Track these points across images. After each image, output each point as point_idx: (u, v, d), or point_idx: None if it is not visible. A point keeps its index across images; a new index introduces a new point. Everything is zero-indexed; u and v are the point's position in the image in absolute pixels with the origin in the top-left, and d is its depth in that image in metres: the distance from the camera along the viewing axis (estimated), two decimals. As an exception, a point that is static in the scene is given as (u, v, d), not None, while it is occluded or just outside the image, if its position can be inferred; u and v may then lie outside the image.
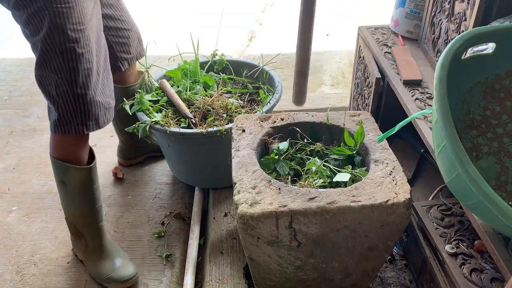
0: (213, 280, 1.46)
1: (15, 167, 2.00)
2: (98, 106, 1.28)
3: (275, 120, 1.37)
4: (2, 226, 1.71)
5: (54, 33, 1.15)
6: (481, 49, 1.14)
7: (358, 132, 1.26)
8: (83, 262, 1.53)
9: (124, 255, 1.51)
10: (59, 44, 1.16)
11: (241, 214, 1.09)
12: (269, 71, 1.81)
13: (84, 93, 1.23)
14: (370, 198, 1.10)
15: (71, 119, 1.25)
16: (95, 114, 1.27)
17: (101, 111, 1.29)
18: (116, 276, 1.44)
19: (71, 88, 1.21)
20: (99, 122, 1.30)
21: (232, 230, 1.64)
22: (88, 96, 1.24)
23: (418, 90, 1.43)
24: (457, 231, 1.26)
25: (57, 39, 1.16)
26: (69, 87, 1.21)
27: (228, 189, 1.69)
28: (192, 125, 1.60)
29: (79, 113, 1.25)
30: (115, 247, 1.51)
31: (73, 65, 1.19)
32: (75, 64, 1.19)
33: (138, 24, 1.64)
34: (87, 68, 1.22)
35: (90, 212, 1.43)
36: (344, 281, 1.31)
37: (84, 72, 1.21)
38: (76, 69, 1.20)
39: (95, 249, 1.47)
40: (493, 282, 1.12)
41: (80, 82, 1.22)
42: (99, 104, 1.27)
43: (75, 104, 1.23)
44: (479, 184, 0.86)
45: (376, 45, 1.70)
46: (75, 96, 1.22)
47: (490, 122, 1.17)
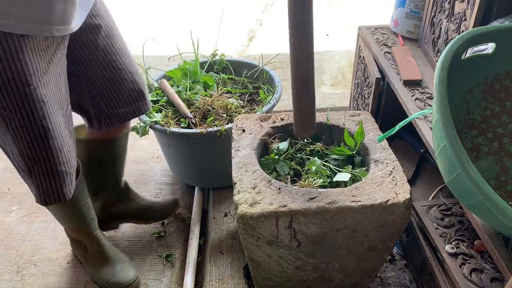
0: (213, 280, 1.46)
1: (15, 167, 2.00)
2: (60, 175, 1.11)
3: (275, 120, 1.37)
4: (2, 226, 1.71)
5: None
6: (481, 49, 1.14)
7: (358, 132, 1.26)
8: (83, 264, 1.53)
9: (124, 258, 1.50)
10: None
11: (241, 214, 1.09)
12: (269, 71, 1.81)
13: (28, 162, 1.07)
14: (370, 198, 1.10)
15: (31, 188, 1.14)
16: (58, 185, 1.12)
17: (65, 181, 1.13)
18: (116, 281, 1.42)
19: (22, 157, 1.07)
20: (63, 194, 1.14)
21: (232, 230, 1.64)
22: (48, 168, 1.09)
23: (418, 90, 1.43)
24: (457, 231, 1.26)
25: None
26: (20, 156, 1.07)
27: (228, 189, 1.69)
28: (192, 125, 1.60)
29: (37, 185, 1.12)
30: (115, 252, 1.49)
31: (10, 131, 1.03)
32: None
33: (138, 24, 1.63)
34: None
35: (82, 226, 1.40)
36: (344, 281, 1.31)
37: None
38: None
39: (95, 254, 1.46)
40: (493, 282, 1.12)
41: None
42: (61, 173, 1.11)
43: (29, 175, 1.10)
44: (479, 184, 0.86)
45: (376, 45, 1.70)
46: (28, 167, 1.08)
47: (490, 122, 1.17)
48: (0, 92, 0.96)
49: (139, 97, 1.33)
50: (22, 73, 0.95)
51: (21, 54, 0.94)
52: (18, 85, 0.96)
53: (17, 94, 0.96)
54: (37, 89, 0.99)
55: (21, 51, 0.94)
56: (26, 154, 1.05)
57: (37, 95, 0.99)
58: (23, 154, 1.06)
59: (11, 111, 0.98)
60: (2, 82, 0.94)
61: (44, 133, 1.03)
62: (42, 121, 1.02)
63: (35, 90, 0.98)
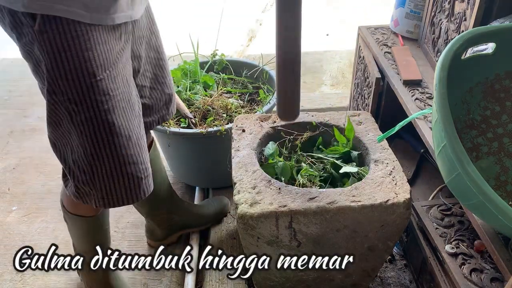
0: (213, 280, 1.46)
1: (15, 167, 2.00)
2: (126, 177, 1.04)
3: (275, 120, 1.37)
4: (2, 226, 1.71)
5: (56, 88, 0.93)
6: (481, 49, 1.14)
7: (348, 129, 1.26)
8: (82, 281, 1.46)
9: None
10: (63, 102, 0.94)
11: (241, 214, 1.09)
12: (269, 71, 1.81)
13: (104, 162, 1.01)
14: (370, 198, 1.10)
15: (89, 191, 1.05)
16: (124, 187, 1.05)
17: (132, 183, 1.05)
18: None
19: (86, 156, 1.00)
20: (128, 198, 1.07)
21: (232, 230, 1.64)
22: (112, 168, 1.02)
23: (418, 90, 1.43)
24: (457, 231, 1.26)
25: (61, 98, 0.93)
26: (84, 155, 1.00)
27: (228, 189, 1.69)
28: (192, 125, 1.60)
29: (100, 187, 1.04)
30: (122, 282, 1.42)
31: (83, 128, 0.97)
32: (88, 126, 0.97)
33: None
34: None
35: (94, 252, 1.30)
36: (344, 281, 1.31)
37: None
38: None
39: (99, 279, 1.36)
40: (493, 282, 1.12)
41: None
42: (127, 174, 1.04)
43: (92, 176, 1.02)
44: (479, 184, 0.86)
45: (376, 45, 1.70)
46: (92, 167, 1.01)
47: (490, 122, 1.17)
48: (67, 82, 0.91)
49: (169, 102, 1.27)
50: (89, 62, 0.91)
51: (88, 43, 0.90)
52: (84, 75, 0.91)
53: (83, 85, 0.92)
54: (103, 81, 0.93)
55: (88, 40, 0.90)
56: (90, 151, 0.98)
57: (103, 87, 0.94)
58: (87, 152, 0.99)
59: (76, 103, 0.93)
60: (70, 71, 0.90)
61: (109, 128, 0.97)
62: (107, 115, 0.96)
63: (101, 81, 0.93)
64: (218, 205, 1.67)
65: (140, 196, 1.08)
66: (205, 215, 1.64)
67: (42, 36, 0.87)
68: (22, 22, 0.87)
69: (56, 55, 0.88)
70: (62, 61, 0.89)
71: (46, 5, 0.84)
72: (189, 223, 1.61)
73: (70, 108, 0.94)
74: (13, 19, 0.87)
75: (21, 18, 0.86)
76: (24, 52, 0.93)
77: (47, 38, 0.87)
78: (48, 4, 0.84)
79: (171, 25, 3.20)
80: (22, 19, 0.87)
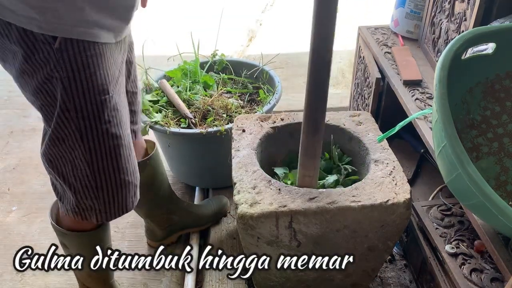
0: (213, 280, 1.46)
1: (15, 167, 2.00)
2: (127, 186, 1.06)
3: (275, 120, 1.37)
4: (2, 226, 1.71)
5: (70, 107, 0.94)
6: (481, 49, 1.14)
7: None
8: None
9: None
10: (75, 119, 0.95)
11: (241, 214, 1.08)
12: (269, 71, 1.81)
13: (110, 176, 1.03)
14: (370, 198, 1.10)
15: (92, 205, 1.06)
16: (123, 197, 1.07)
17: (130, 192, 1.08)
18: None
19: (91, 171, 1.01)
20: (127, 206, 1.09)
21: (232, 230, 1.64)
22: (117, 179, 1.04)
23: (418, 90, 1.43)
24: (457, 231, 1.26)
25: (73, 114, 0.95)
26: (89, 170, 1.01)
27: (228, 189, 1.69)
28: (192, 125, 1.60)
29: (103, 200, 1.05)
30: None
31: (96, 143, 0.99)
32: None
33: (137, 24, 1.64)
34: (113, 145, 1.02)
35: (99, 272, 1.27)
36: (344, 281, 1.31)
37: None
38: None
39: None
40: (493, 282, 1.12)
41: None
42: (128, 184, 1.06)
43: (96, 190, 1.03)
44: (479, 184, 0.86)
45: (376, 45, 1.70)
46: (96, 181, 1.02)
47: (490, 122, 1.17)
48: (83, 100, 0.93)
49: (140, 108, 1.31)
50: (103, 79, 0.94)
51: (103, 61, 0.93)
52: (100, 92, 0.94)
53: (98, 102, 0.94)
54: (113, 97, 0.97)
55: (102, 58, 0.93)
56: (96, 166, 1.00)
57: (114, 103, 0.97)
58: (93, 167, 1.00)
59: (90, 120, 0.95)
60: (87, 89, 0.92)
61: (116, 142, 1.00)
62: (115, 129, 0.99)
63: (112, 97, 0.96)
64: (218, 205, 1.67)
65: (134, 204, 1.11)
66: (205, 215, 1.63)
67: (62, 54, 0.88)
68: (36, 39, 0.87)
69: (75, 73, 0.90)
70: (81, 79, 0.91)
71: (65, 28, 0.86)
72: (189, 223, 1.61)
73: (81, 125, 0.95)
74: (25, 34, 0.86)
75: (36, 36, 0.86)
76: (28, 69, 0.91)
77: (67, 57, 0.88)
78: (67, 27, 0.86)
79: (171, 25, 3.20)
80: (39, 37, 0.87)
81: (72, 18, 0.86)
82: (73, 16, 0.86)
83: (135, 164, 1.08)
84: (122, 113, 1.01)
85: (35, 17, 0.84)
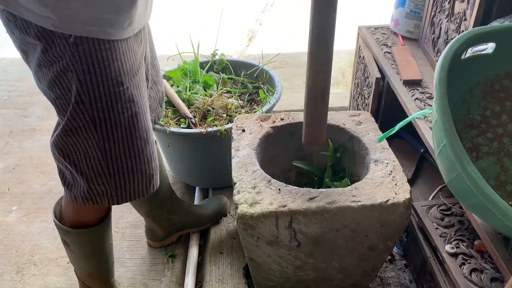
0: (213, 280, 1.46)
1: (15, 167, 2.00)
2: (139, 174, 1.08)
3: (275, 120, 1.37)
4: (2, 226, 1.71)
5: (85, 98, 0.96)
6: (481, 49, 1.14)
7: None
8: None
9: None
10: (89, 111, 0.97)
11: (241, 214, 1.08)
12: (269, 71, 1.81)
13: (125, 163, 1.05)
14: (370, 198, 1.10)
15: (104, 190, 1.07)
16: (136, 183, 1.09)
17: (144, 179, 1.10)
18: None
19: (105, 159, 1.03)
20: (139, 192, 1.11)
21: (232, 230, 1.64)
22: (129, 167, 1.06)
23: (418, 90, 1.43)
24: (457, 231, 1.26)
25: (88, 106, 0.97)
26: (103, 158, 1.03)
27: (228, 189, 1.69)
28: (192, 125, 1.60)
29: (115, 185, 1.07)
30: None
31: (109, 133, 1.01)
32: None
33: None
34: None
35: (101, 270, 1.30)
36: (344, 281, 1.31)
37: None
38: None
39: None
40: (493, 282, 1.12)
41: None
42: (141, 172, 1.08)
43: (109, 177, 1.05)
44: (479, 184, 0.86)
45: (376, 45, 1.70)
46: (109, 168, 1.04)
47: (490, 122, 1.17)
48: (98, 92, 0.95)
49: (161, 100, 1.32)
50: (118, 72, 0.96)
51: (118, 54, 0.95)
52: (114, 84, 0.96)
53: (112, 93, 0.97)
54: (129, 89, 0.99)
55: (118, 51, 0.95)
56: (110, 155, 1.03)
57: (129, 94, 0.99)
58: (107, 156, 1.02)
59: (104, 111, 0.97)
60: (102, 81, 0.95)
61: (130, 133, 1.02)
62: (129, 121, 1.01)
63: (127, 89, 0.99)
64: (217, 205, 1.67)
65: (150, 191, 1.12)
66: (205, 215, 1.63)
67: (77, 49, 0.91)
68: (54, 34, 0.90)
69: (90, 66, 0.93)
70: (96, 72, 0.94)
71: (77, 26, 0.89)
72: (189, 223, 1.61)
73: (95, 116, 0.97)
74: (43, 30, 0.89)
75: (53, 31, 0.89)
76: (45, 61, 0.93)
77: (82, 50, 0.91)
78: (79, 26, 0.89)
79: (171, 25, 3.20)
80: (56, 32, 0.90)
81: (84, 18, 0.89)
82: (85, 15, 0.89)
83: (151, 153, 1.09)
84: (139, 104, 1.03)
85: (50, 16, 0.87)
